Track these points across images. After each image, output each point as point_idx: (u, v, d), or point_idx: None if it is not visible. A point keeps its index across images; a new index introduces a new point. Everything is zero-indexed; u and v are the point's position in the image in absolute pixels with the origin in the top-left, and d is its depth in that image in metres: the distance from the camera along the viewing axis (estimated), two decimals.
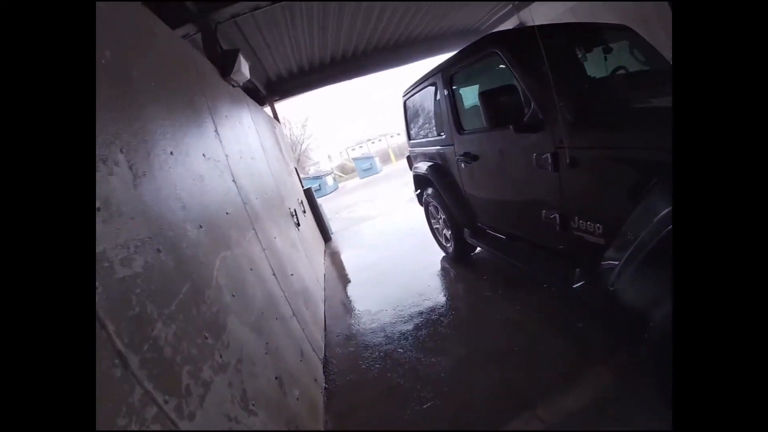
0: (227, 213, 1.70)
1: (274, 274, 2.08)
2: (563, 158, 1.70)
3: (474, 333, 2.33)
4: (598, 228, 1.64)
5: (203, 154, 1.65)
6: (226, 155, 1.98)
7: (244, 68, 2.85)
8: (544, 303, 2.39)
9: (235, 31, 3.77)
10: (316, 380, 2.05)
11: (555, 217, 1.87)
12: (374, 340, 2.55)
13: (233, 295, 1.45)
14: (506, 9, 5.89)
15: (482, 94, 1.93)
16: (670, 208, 1.19)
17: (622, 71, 2.21)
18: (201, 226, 1.38)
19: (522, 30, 1.84)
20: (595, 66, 2.25)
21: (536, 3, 5.49)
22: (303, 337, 2.16)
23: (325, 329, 2.90)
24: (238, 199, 1.93)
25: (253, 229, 2.02)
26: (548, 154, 1.79)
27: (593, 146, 1.60)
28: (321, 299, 3.36)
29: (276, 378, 1.51)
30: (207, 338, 1.07)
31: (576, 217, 1.76)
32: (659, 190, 1.29)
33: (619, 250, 1.48)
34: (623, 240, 1.45)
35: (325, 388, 2.15)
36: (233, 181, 1.95)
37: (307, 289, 2.92)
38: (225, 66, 2.72)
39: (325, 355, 2.48)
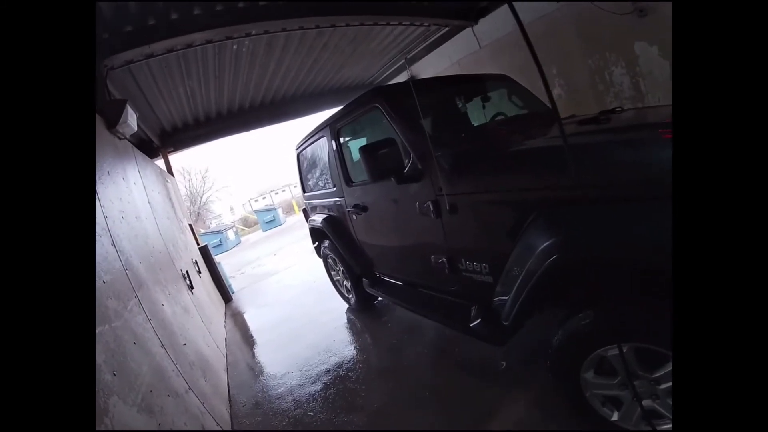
0: (104, 282, 1.52)
1: (162, 346, 1.87)
2: (444, 205, 1.77)
3: (383, 384, 2.30)
4: (485, 267, 1.70)
5: None
6: (105, 216, 1.79)
7: (131, 119, 2.59)
8: (449, 343, 2.45)
9: (128, 77, 3.47)
10: None
11: (443, 261, 1.93)
12: (282, 406, 2.38)
13: (114, 374, 1.28)
14: (399, 63, 5.99)
15: (362, 149, 1.96)
16: (553, 239, 1.27)
17: (500, 116, 2.36)
18: None
19: (402, 84, 2.01)
20: (476, 114, 2.40)
21: (425, 58, 5.68)
22: (204, 412, 1.93)
23: (230, 399, 2.62)
24: (117, 265, 1.74)
25: (136, 297, 1.82)
26: (429, 202, 1.86)
27: (470, 192, 1.68)
28: (222, 367, 3.04)
29: None
30: None
31: (463, 259, 1.81)
32: (537, 225, 1.37)
33: (507, 285, 1.53)
34: (509, 276, 1.51)
35: None
36: (112, 245, 1.76)
37: (205, 358, 2.64)
38: (111, 116, 2.46)
39: (232, 428, 2.24)
